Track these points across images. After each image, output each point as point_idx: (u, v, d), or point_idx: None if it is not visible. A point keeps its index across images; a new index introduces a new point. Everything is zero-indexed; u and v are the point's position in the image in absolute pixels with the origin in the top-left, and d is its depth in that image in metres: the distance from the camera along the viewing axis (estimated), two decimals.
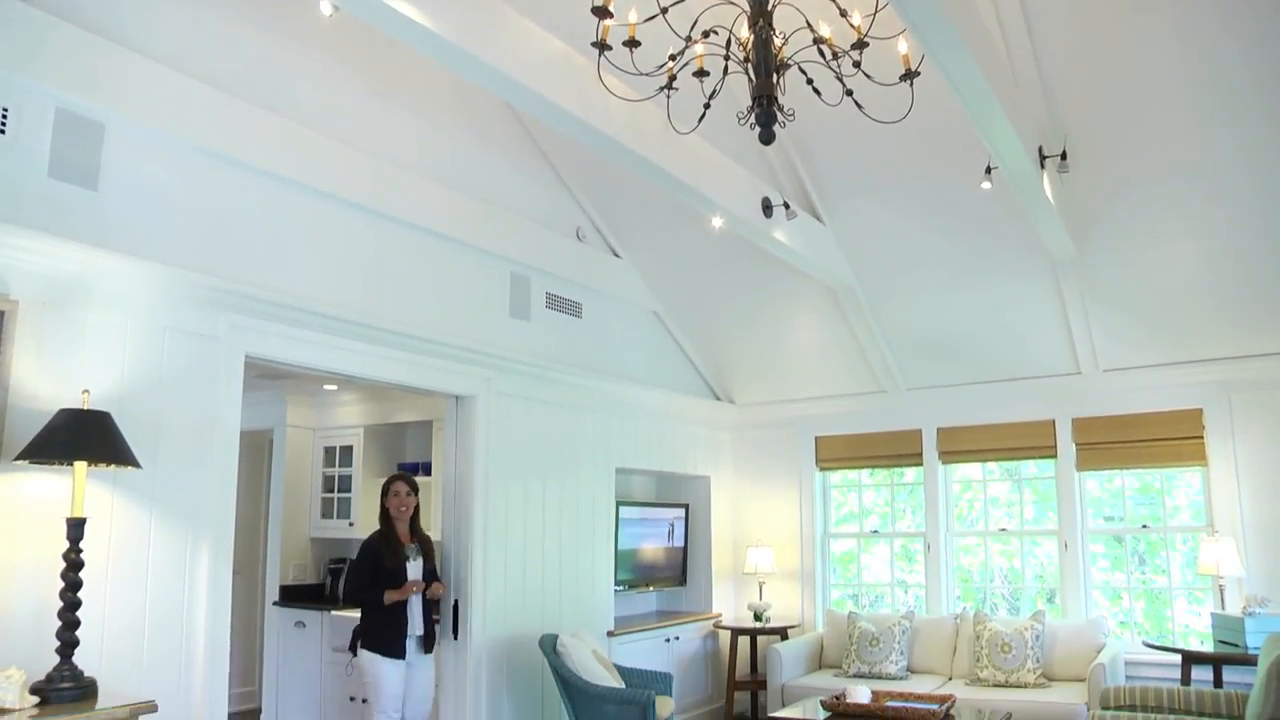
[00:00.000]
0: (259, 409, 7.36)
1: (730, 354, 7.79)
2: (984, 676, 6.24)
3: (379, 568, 5.16)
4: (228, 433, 4.22)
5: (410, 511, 5.37)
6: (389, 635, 5.07)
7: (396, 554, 5.22)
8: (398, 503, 5.33)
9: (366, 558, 5.23)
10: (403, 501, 5.33)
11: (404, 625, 5.12)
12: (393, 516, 5.33)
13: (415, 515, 5.42)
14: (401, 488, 5.36)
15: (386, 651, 5.05)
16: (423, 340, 5.20)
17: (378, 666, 5.05)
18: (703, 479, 7.93)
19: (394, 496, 5.34)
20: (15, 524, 3.47)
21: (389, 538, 5.27)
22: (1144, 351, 6.45)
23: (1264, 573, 6.08)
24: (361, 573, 5.20)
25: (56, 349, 3.64)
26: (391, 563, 5.18)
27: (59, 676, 3.27)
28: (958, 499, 7.47)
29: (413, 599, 5.17)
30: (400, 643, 5.09)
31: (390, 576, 5.14)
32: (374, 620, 5.12)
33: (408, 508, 5.35)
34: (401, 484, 5.39)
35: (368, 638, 5.11)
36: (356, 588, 5.21)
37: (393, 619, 5.10)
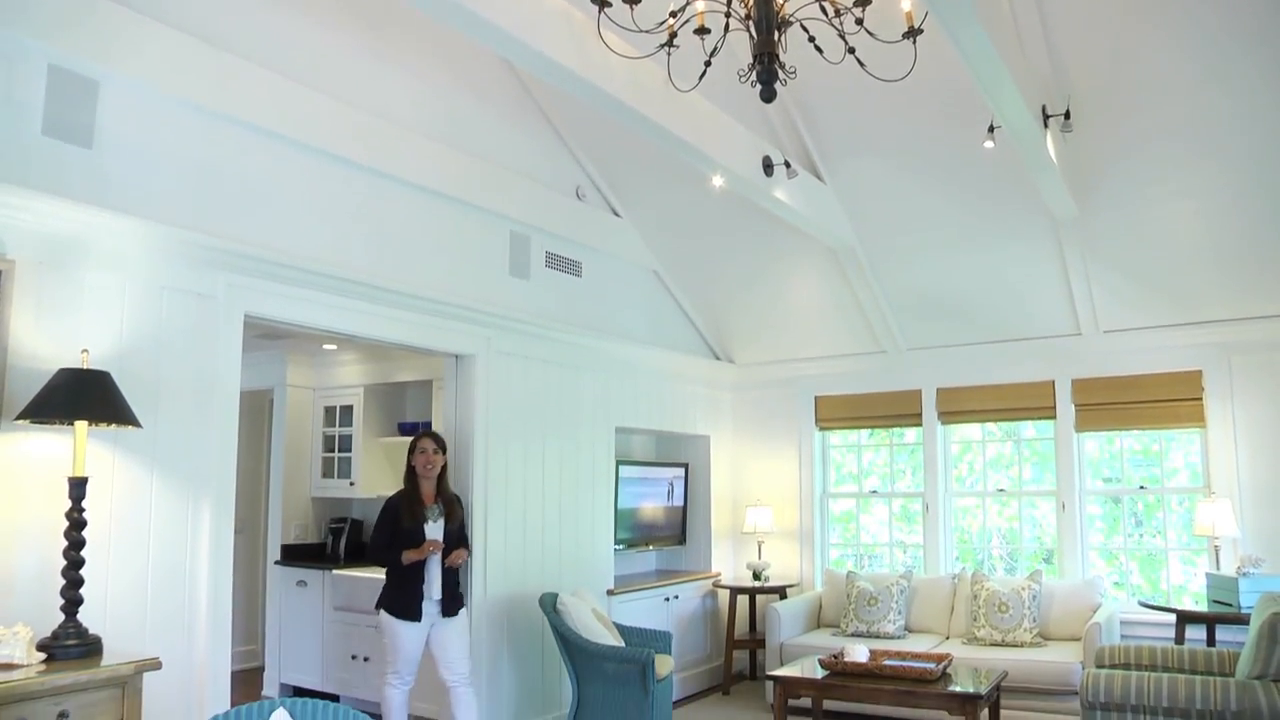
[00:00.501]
0: (259, 369, 7.36)
1: (730, 313, 7.77)
2: (981, 636, 6.29)
3: (396, 528, 5.03)
4: (228, 392, 4.23)
5: (437, 470, 5.19)
6: (405, 598, 4.98)
7: (415, 514, 5.08)
8: (424, 460, 5.15)
9: (386, 517, 5.10)
10: (429, 460, 5.15)
11: (420, 588, 5.01)
12: (418, 475, 5.17)
13: (443, 474, 5.25)
14: (428, 445, 5.17)
15: (402, 614, 4.96)
16: (422, 299, 5.19)
17: (394, 628, 4.98)
18: (702, 438, 7.95)
19: (420, 454, 5.16)
20: (17, 484, 3.49)
21: (411, 497, 5.12)
22: (1144, 313, 6.44)
23: (1259, 533, 6.12)
24: (381, 532, 5.07)
25: (55, 309, 3.62)
26: (409, 523, 5.04)
27: (64, 634, 3.30)
28: (957, 460, 7.49)
29: (432, 561, 5.03)
30: (416, 606, 4.98)
31: (407, 537, 5.00)
32: (394, 582, 5.04)
33: (434, 466, 5.16)
34: (429, 441, 5.19)
35: (386, 599, 5.04)
36: (376, 547, 5.09)
37: (409, 581, 4.99)
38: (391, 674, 5.03)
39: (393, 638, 4.99)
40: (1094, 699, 4.38)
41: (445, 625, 5.09)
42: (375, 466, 7.40)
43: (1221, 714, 4.14)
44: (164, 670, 3.44)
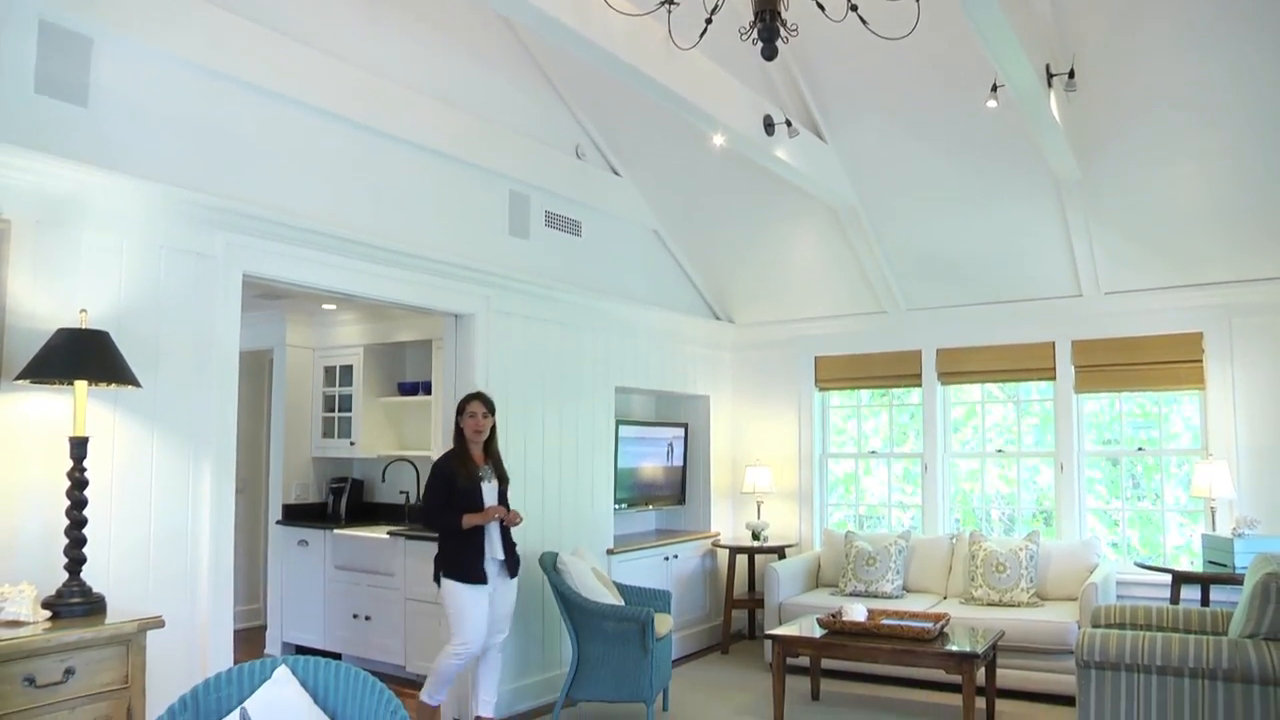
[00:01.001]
0: (258, 329, 7.35)
1: (731, 273, 7.75)
2: (978, 596, 6.34)
3: (453, 489, 4.89)
4: (227, 352, 4.22)
5: (486, 433, 5.08)
6: (469, 561, 4.87)
7: (471, 474, 4.95)
8: (474, 424, 5.03)
9: (440, 478, 4.94)
10: (479, 423, 5.03)
11: (482, 549, 4.92)
12: (467, 439, 5.05)
13: (491, 436, 5.14)
14: (478, 408, 5.05)
15: (468, 578, 4.84)
16: (421, 258, 5.17)
17: (460, 595, 4.84)
18: (702, 398, 7.96)
19: (469, 417, 5.04)
20: (19, 443, 3.49)
21: (463, 458, 5.00)
22: (1146, 274, 6.42)
23: (1255, 495, 6.15)
24: (436, 494, 4.92)
25: (52, 268, 3.61)
26: (466, 483, 4.91)
27: (69, 592, 3.33)
28: (959, 425, 7.50)
29: (490, 524, 4.98)
30: (480, 567, 4.89)
31: (465, 498, 4.89)
32: (453, 547, 4.91)
33: (484, 430, 5.05)
34: (478, 404, 5.06)
35: (447, 564, 4.90)
36: (432, 509, 4.93)
37: (471, 543, 4.89)
38: (458, 643, 4.86)
39: (458, 605, 4.85)
40: (1089, 658, 4.42)
41: (505, 587, 5.06)
42: (375, 426, 7.42)
43: (1213, 671, 4.18)
44: (167, 628, 3.47)
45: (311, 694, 2.69)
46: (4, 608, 3.11)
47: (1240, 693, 4.15)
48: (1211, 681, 4.20)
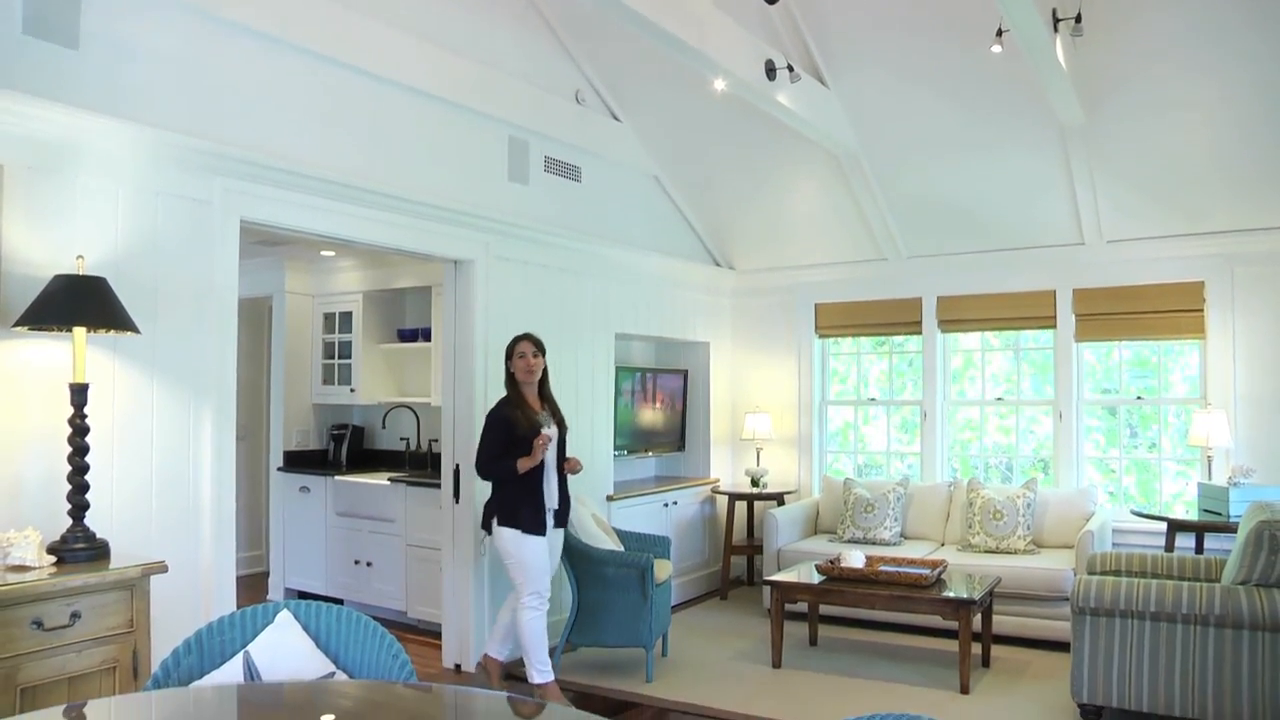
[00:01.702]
0: (257, 276, 7.33)
1: (731, 220, 7.70)
2: (975, 543, 6.39)
3: (511, 437, 4.73)
4: (226, 298, 4.20)
5: (539, 374, 4.91)
6: (528, 510, 4.74)
7: (530, 420, 4.77)
8: (524, 365, 4.85)
9: (496, 426, 4.78)
10: (530, 364, 4.85)
11: (542, 498, 4.80)
12: (520, 381, 4.88)
13: (544, 379, 4.97)
14: (528, 348, 4.87)
15: (528, 528, 4.73)
16: (420, 204, 5.13)
17: (522, 544, 4.72)
18: (702, 345, 7.96)
19: (520, 359, 4.87)
20: (19, 391, 3.50)
21: (519, 404, 4.83)
22: (1149, 223, 6.39)
23: (1252, 445, 6.18)
24: (492, 443, 4.77)
25: (47, 214, 3.58)
26: (525, 429, 4.73)
27: (73, 537, 3.35)
28: (958, 374, 7.50)
29: (549, 472, 4.84)
30: (540, 517, 4.77)
31: (524, 446, 4.71)
32: (510, 495, 4.78)
33: (535, 370, 4.88)
34: (527, 344, 4.88)
35: (505, 514, 4.77)
36: (489, 459, 4.77)
37: (529, 492, 4.76)
38: (532, 595, 4.76)
39: (520, 555, 4.73)
40: (1084, 604, 4.47)
41: (552, 535, 4.95)
42: (375, 373, 7.42)
43: (1205, 617, 4.23)
44: (170, 573, 3.50)
45: (314, 638, 2.72)
46: (10, 553, 3.14)
47: (1230, 638, 4.21)
48: (1203, 627, 4.25)
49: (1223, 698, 4.22)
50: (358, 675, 2.66)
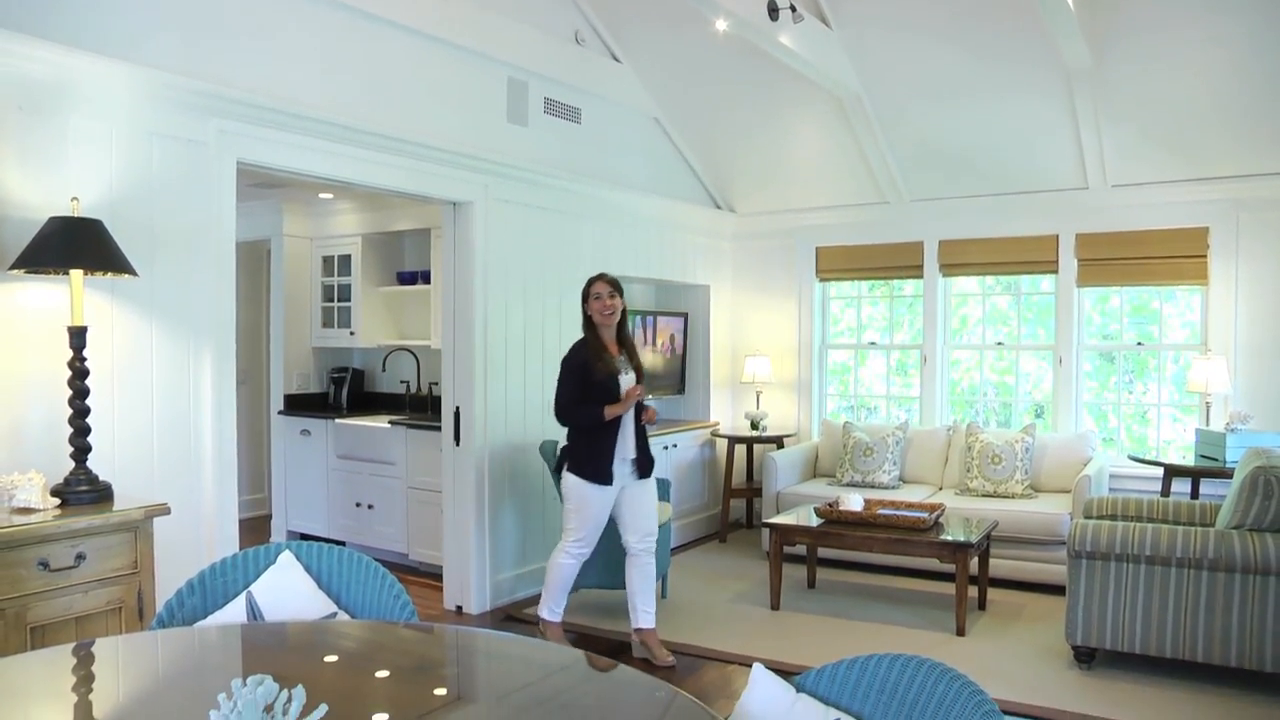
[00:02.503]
0: (255, 219, 7.29)
1: (732, 163, 7.64)
2: (973, 487, 6.43)
3: (588, 380, 4.59)
4: (223, 241, 4.17)
5: (617, 316, 4.71)
6: (596, 459, 4.62)
7: (608, 364, 4.61)
8: (600, 306, 4.67)
9: (572, 370, 4.65)
10: (606, 305, 4.66)
11: (614, 447, 4.64)
12: (597, 324, 4.72)
13: (622, 321, 4.78)
14: (604, 289, 4.68)
15: (592, 477, 4.61)
16: (418, 145, 5.08)
17: (581, 491, 4.65)
18: (702, 288, 7.93)
19: (595, 300, 4.69)
20: (18, 334, 3.49)
21: (597, 346, 4.67)
22: (1154, 167, 6.33)
23: (1251, 391, 6.19)
24: (568, 387, 4.64)
25: (40, 155, 3.54)
26: (604, 374, 4.59)
27: (76, 480, 3.37)
28: (957, 314, 7.49)
29: (625, 421, 4.66)
30: (607, 467, 4.62)
31: (601, 389, 4.58)
32: (582, 442, 4.67)
33: (613, 311, 4.68)
34: (603, 284, 4.70)
35: (574, 460, 4.68)
36: (567, 402, 4.64)
37: (602, 441, 4.62)
38: (573, 542, 4.70)
39: (581, 503, 4.66)
40: (1080, 548, 4.51)
41: (638, 487, 4.77)
42: (375, 316, 7.42)
43: (1199, 561, 4.27)
44: (173, 516, 3.53)
45: (315, 579, 2.75)
46: (14, 495, 3.16)
47: (1223, 581, 4.25)
48: (1197, 571, 4.30)
49: (1213, 640, 4.28)
50: (359, 615, 2.70)
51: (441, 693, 2.01)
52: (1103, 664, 4.66)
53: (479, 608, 5.59)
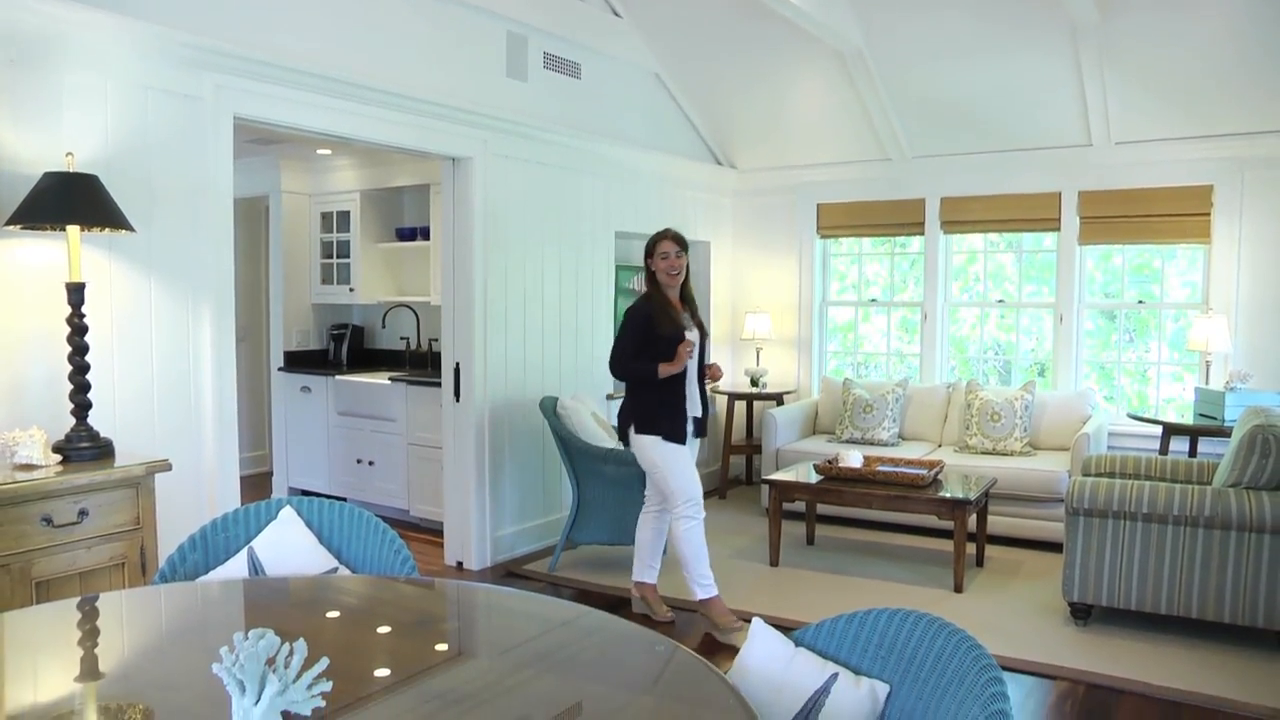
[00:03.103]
0: (253, 175, 7.24)
1: (733, 118, 7.57)
2: (973, 444, 6.45)
3: (650, 337, 4.45)
4: (221, 197, 4.14)
5: (682, 274, 4.58)
6: (668, 417, 4.49)
7: (675, 321, 4.47)
8: (666, 265, 4.53)
9: (634, 325, 4.50)
10: (672, 263, 4.52)
11: (684, 405, 4.53)
12: (661, 282, 4.57)
13: (686, 280, 4.65)
14: (670, 247, 4.53)
15: (668, 436, 4.48)
16: (417, 100, 5.03)
17: (669, 454, 4.48)
18: (702, 244, 7.90)
19: (661, 258, 4.54)
20: (16, 291, 3.47)
21: (663, 304, 4.53)
22: (1159, 124, 6.27)
23: (1251, 350, 6.19)
24: (627, 343, 4.51)
25: (33, 110, 3.50)
26: (667, 329, 4.44)
27: (77, 436, 3.37)
28: (959, 271, 7.47)
29: (690, 378, 4.55)
30: (680, 425, 4.51)
31: (666, 347, 4.43)
32: (649, 401, 4.52)
33: (678, 270, 4.54)
34: (669, 243, 4.53)
35: (644, 421, 4.52)
36: (622, 359, 4.51)
37: (670, 399, 4.49)
38: (687, 503, 4.51)
39: (665, 463, 4.50)
40: (1078, 505, 4.53)
41: (691, 445, 4.65)
42: (374, 272, 7.39)
43: (1196, 518, 4.30)
44: (175, 472, 3.54)
45: (316, 534, 2.77)
46: (16, 452, 3.17)
47: (1219, 539, 4.28)
48: (1193, 528, 4.33)
49: (1207, 596, 4.31)
50: (360, 570, 2.71)
51: (443, 648, 2.03)
52: (1098, 620, 4.70)
53: (480, 563, 5.63)
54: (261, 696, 1.56)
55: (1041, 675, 4.12)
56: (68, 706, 1.71)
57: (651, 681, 1.87)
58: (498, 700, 1.74)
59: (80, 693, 1.76)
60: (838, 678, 1.89)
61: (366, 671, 1.84)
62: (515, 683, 1.82)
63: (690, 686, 1.82)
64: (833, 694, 1.87)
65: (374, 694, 1.73)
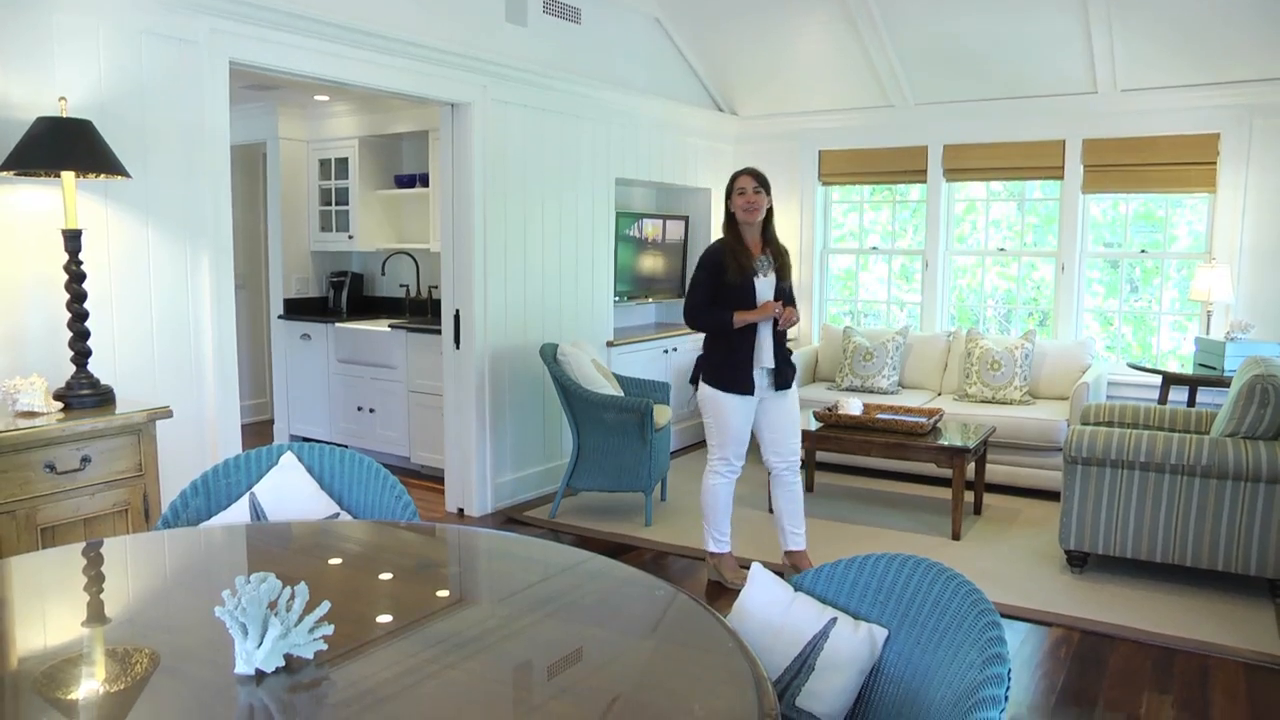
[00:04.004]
0: (250, 121, 7.17)
1: (735, 64, 7.47)
2: (972, 393, 6.45)
3: (720, 283, 4.31)
4: (218, 143, 4.10)
5: (761, 213, 4.34)
6: (734, 367, 4.34)
7: (742, 266, 4.30)
8: (744, 203, 4.30)
9: (706, 269, 4.34)
10: (750, 200, 4.29)
11: (751, 355, 4.35)
12: (740, 221, 4.36)
13: (768, 219, 4.43)
14: (748, 183, 4.31)
15: (729, 387, 4.34)
16: (415, 45, 4.96)
17: (719, 404, 4.39)
18: (703, 191, 7.85)
19: (739, 195, 4.32)
20: (12, 237, 3.45)
21: (734, 247, 4.34)
22: (1167, 71, 6.18)
23: (1254, 300, 6.17)
24: (701, 289, 4.36)
25: (24, 52, 3.45)
26: (735, 276, 4.28)
27: (78, 384, 3.38)
28: (960, 219, 7.43)
29: (763, 325, 4.35)
30: (747, 377, 4.34)
31: (734, 294, 4.29)
32: (716, 349, 4.39)
33: (757, 208, 4.31)
34: (748, 179, 4.32)
35: (710, 371, 4.42)
36: (695, 306, 4.37)
37: (738, 348, 4.34)
38: (719, 459, 4.49)
39: (721, 415, 4.42)
40: (1077, 454, 4.55)
41: (776, 401, 4.48)
42: (373, 219, 7.35)
43: (1193, 468, 4.31)
44: (176, 420, 3.55)
45: (317, 480, 2.78)
46: (17, 399, 3.18)
47: (1215, 488, 4.30)
48: (1190, 477, 4.35)
49: (1202, 544, 4.35)
50: (361, 516, 2.73)
51: (444, 594, 2.05)
52: (1094, 568, 4.75)
53: (480, 510, 5.67)
54: (264, 639, 1.58)
55: (1037, 622, 4.17)
56: (75, 649, 1.72)
57: (652, 626, 1.89)
58: (500, 645, 1.75)
59: (87, 636, 1.78)
60: (836, 622, 1.91)
61: (368, 617, 1.86)
62: (517, 628, 1.84)
63: (690, 631, 1.84)
64: (831, 638, 1.89)
65: (376, 639, 1.75)
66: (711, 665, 1.67)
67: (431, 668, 1.64)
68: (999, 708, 1.44)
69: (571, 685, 1.62)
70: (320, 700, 1.54)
